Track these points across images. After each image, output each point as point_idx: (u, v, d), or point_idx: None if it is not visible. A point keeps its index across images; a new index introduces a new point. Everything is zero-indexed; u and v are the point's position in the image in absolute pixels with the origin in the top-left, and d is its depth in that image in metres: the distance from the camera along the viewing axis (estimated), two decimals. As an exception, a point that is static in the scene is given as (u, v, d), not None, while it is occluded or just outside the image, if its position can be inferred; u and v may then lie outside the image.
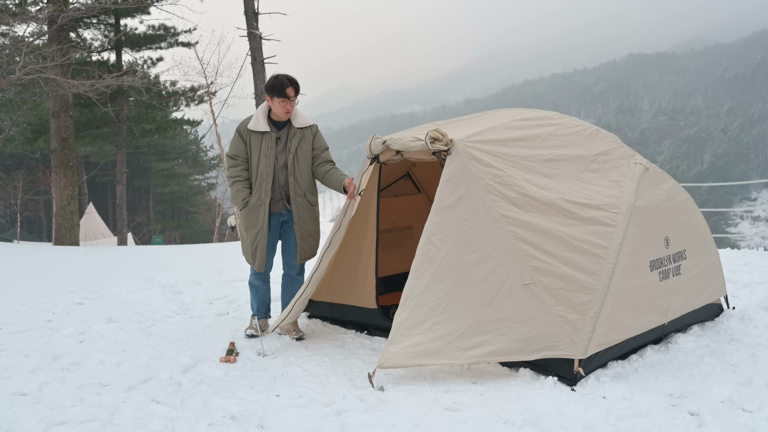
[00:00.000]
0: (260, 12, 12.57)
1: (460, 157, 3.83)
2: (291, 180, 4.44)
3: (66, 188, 14.51)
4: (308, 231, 4.55)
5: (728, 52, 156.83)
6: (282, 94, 4.31)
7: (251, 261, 4.53)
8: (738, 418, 3.01)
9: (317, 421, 3.06)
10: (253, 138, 4.43)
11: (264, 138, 4.42)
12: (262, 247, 4.46)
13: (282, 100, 4.33)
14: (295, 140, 4.46)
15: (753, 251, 8.66)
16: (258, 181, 4.42)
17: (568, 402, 3.25)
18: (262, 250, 4.47)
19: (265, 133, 4.42)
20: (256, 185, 4.43)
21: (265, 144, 4.41)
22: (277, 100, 4.33)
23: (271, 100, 4.36)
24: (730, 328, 4.55)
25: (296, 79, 4.40)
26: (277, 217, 4.53)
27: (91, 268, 8.10)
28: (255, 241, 4.46)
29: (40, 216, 32.90)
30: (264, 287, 4.71)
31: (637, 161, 4.37)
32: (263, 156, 4.41)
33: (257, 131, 4.42)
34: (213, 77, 20.46)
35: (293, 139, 4.46)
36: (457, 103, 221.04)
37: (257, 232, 4.45)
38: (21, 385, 3.54)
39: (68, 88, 13.10)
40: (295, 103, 4.44)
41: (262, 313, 4.75)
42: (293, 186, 4.45)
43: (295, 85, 4.35)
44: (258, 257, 4.48)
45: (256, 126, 4.41)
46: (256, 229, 4.44)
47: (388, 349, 3.56)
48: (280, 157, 4.45)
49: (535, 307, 3.57)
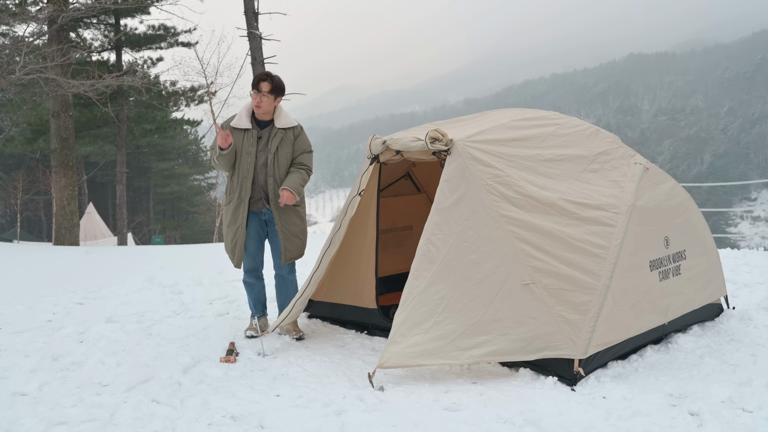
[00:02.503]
0: (260, 12, 12.56)
1: (460, 157, 3.83)
2: (270, 180, 4.40)
3: (66, 188, 14.51)
4: (292, 231, 4.50)
5: (728, 52, 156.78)
6: (255, 86, 4.32)
7: (231, 257, 4.54)
8: (738, 418, 3.01)
9: (317, 421, 3.06)
10: (235, 135, 4.40)
11: (246, 135, 4.40)
12: (241, 244, 4.46)
13: (254, 93, 4.33)
14: (276, 140, 4.41)
15: (753, 251, 8.66)
16: (239, 179, 4.40)
17: (568, 402, 3.25)
18: (240, 247, 4.47)
19: (246, 130, 4.40)
20: (238, 183, 4.42)
21: (246, 141, 4.39)
22: (252, 93, 4.34)
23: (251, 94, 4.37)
24: (730, 328, 4.55)
25: (278, 77, 4.37)
26: (257, 215, 4.51)
27: (91, 268, 8.09)
28: (234, 238, 4.47)
29: (40, 216, 32.89)
30: (258, 284, 4.70)
31: (637, 161, 4.37)
32: (244, 153, 4.39)
33: (239, 128, 4.40)
34: (213, 77, 20.46)
35: (274, 139, 4.42)
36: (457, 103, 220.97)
37: (236, 229, 4.46)
38: (21, 385, 3.54)
39: (68, 88, 13.09)
40: (272, 100, 4.36)
41: (260, 310, 4.74)
42: (272, 187, 4.40)
43: (271, 81, 4.31)
44: (237, 254, 4.49)
45: (239, 123, 4.40)
46: (235, 226, 4.46)
47: (388, 349, 3.56)
48: (260, 156, 4.42)
49: (535, 307, 3.57)
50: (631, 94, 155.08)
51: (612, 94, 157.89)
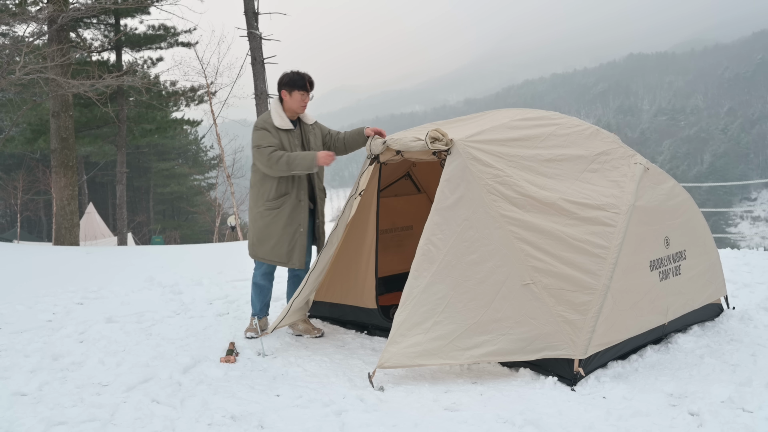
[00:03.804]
0: (260, 12, 12.59)
1: (461, 156, 3.83)
2: (314, 176, 4.55)
3: (66, 188, 14.51)
4: (324, 221, 4.69)
5: (728, 53, 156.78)
6: (303, 87, 4.37)
7: (285, 260, 4.41)
8: (738, 418, 3.01)
9: (317, 421, 3.06)
10: (282, 136, 4.38)
11: (290, 135, 4.41)
12: (302, 243, 4.42)
13: (302, 94, 4.38)
14: (312, 136, 4.54)
15: (753, 251, 8.66)
16: (295, 180, 4.39)
17: (568, 402, 3.25)
18: (302, 246, 4.42)
19: (290, 130, 4.42)
20: (293, 184, 4.39)
21: (291, 142, 4.40)
22: (297, 94, 4.37)
23: (290, 94, 4.37)
24: (730, 328, 4.55)
25: None
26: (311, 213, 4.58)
27: (91, 268, 8.09)
28: (293, 239, 4.38)
29: (40, 216, 32.89)
30: (269, 287, 4.72)
31: (638, 161, 4.37)
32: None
33: (284, 129, 4.39)
34: (213, 77, 20.49)
35: (310, 136, 4.52)
36: (457, 103, 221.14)
37: (295, 230, 4.39)
38: (21, 385, 3.54)
39: (68, 88, 13.08)
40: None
41: (265, 312, 4.75)
42: (317, 181, 4.57)
43: (311, 79, 4.44)
44: (297, 253, 4.41)
45: (282, 124, 4.38)
46: (293, 227, 4.38)
47: (388, 349, 3.56)
48: None
49: (535, 307, 3.57)
50: (631, 94, 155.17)
51: (612, 94, 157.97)
